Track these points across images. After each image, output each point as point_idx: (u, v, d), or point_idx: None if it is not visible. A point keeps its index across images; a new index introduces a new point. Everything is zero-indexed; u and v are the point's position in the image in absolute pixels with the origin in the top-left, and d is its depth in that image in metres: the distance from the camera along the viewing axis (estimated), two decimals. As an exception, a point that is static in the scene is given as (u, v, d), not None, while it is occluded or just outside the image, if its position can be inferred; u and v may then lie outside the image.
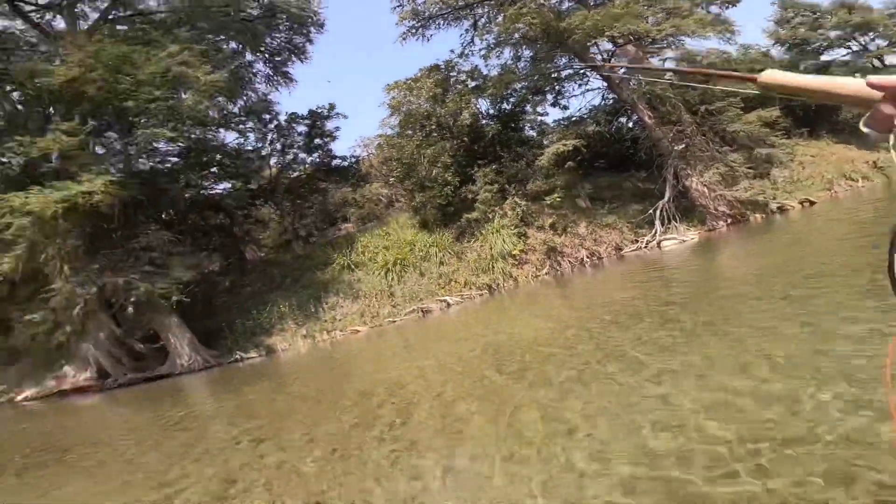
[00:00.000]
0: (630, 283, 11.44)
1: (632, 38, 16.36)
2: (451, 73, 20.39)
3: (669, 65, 21.31)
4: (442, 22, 22.02)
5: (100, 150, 14.07)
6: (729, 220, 16.27)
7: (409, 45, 30.56)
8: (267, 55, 21.03)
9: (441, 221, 18.10)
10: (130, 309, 12.97)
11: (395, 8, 21.35)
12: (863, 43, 27.71)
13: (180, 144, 16.33)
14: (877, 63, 27.28)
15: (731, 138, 17.62)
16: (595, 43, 17.66)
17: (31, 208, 11.19)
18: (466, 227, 17.54)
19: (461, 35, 21.86)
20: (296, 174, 22.98)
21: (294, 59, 21.29)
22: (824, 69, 27.38)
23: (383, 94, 20.40)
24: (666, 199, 16.78)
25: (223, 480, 4.82)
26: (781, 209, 16.37)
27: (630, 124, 21.86)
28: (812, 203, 16.53)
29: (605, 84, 19.56)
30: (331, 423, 5.97)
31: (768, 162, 17.69)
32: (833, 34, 27.31)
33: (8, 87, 15.07)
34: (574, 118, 22.32)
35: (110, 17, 17.10)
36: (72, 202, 11.47)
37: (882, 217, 10.89)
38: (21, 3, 15.94)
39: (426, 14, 21.46)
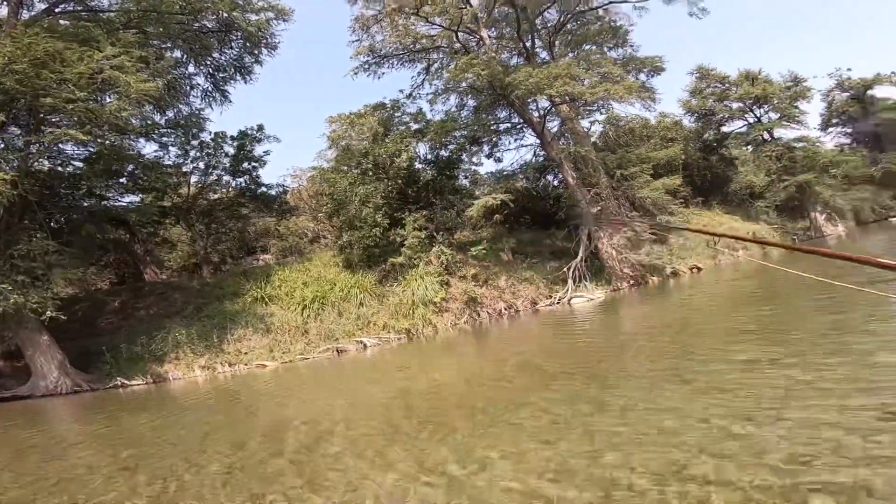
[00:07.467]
0: (534, 338, 12.06)
1: (567, 98, 17.33)
2: (396, 114, 20.41)
3: (596, 129, 23.05)
4: (396, 62, 22.52)
5: (-1, 144, 12.40)
6: (631, 282, 17.76)
7: (360, 80, 30.68)
8: (211, 70, 20.00)
9: (366, 263, 17.68)
10: (-8, 321, 11.12)
11: (352, 41, 21.60)
12: (758, 115, 30.61)
13: (91, 149, 14.85)
14: (766, 136, 30.30)
15: (640, 204, 19.44)
16: (535, 100, 18.45)
17: None
18: (391, 271, 17.20)
19: (413, 77, 21.93)
20: (217, 196, 21.72)
21: (238, 77, 20.31)
22: (723, 139, 30.58)
23: (325, 126, 20.09)
24: (579, 258, 17.92)
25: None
26: (675, 273, 18.43)
27: (556, 182, 22.83)
28: (699, 269, 18.99)
29: (539, 141, 20.38)
30: (214, 462, 5.39)
31: (666, 229, 19.62)
32: (735, 105, 30.25)
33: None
34: (506, 172, 23.07)
35: (57, 10, 15.73)
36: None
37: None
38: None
39: (382, 52, 21.85)
